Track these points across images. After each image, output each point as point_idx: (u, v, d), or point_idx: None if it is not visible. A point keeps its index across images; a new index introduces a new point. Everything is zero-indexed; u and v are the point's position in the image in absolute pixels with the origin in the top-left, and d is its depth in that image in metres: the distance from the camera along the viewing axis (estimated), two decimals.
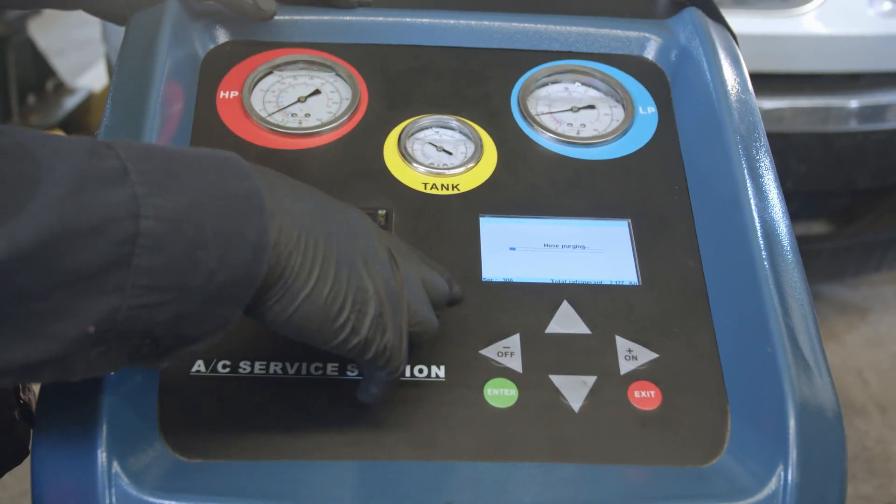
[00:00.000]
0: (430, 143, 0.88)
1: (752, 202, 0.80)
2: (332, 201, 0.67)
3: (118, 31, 0.93)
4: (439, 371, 0.74)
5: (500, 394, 0.73)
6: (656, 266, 0.81)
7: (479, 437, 0.71)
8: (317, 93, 0.91)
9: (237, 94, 0.89)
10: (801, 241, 0.82)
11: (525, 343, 0.76)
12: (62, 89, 3.03)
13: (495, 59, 0.95)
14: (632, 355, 0.76)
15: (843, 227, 2.24)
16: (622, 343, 0.77)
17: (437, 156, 0.87)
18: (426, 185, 0.85)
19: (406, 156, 0.86)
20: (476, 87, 0.92)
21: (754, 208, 0.80)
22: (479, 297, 0.78)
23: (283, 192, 0.62)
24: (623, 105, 0.92)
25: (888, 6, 2.04)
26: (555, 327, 0.77)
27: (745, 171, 0.82)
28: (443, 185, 0.85)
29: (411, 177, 0.85)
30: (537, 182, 0.86)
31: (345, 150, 0.87)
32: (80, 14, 0.96)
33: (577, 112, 0.92)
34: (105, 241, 0.52)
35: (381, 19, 0.95)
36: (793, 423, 0.69)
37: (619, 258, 0.82)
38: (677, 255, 0.82)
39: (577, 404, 0.73)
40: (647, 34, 0.96)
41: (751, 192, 0.81)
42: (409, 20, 0.96)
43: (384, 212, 0.82)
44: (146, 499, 0.65)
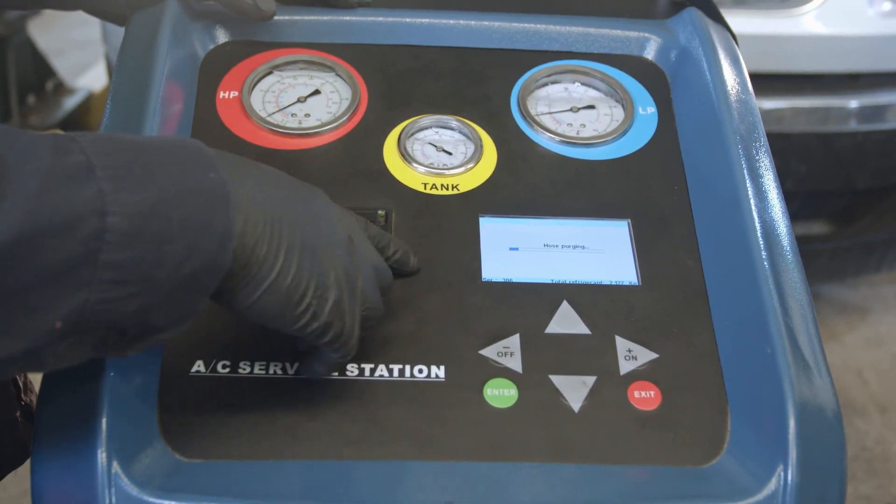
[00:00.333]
0: (430, 144, 0.88)
1: (752, 202, 0.80)
2: (297, 185, 0.67)
3: (118, 31, 0.93)
4: (439, 371, 0.74)
5: (500, 394, 0.73)
6: (656, 266, 0.81)
7: (479, 437, 0.71)
8: (317, 93, 0.91)
9: (237, 94, 0.89)
10: (801, 241, 0.82)
11: (525, 343, 0.76)
12: (62, 89, 3.03)
13: (495, 59, 0.95)
14: (632, 355, 0.76)
15: (843, 227, 2.24)
16: (622, 343, 0.77)
17: (437, 156, 0.87)
18: (426, 185, 0.85)
19: (406, 156, 0.86)
20: (476, 87, 0.92)
21: (754, 208, 0.80)
22: (479, 297, 0.78)
23: (249, 180, 0.63)
24: (623, 105, 0.92)
25: (888, 6, 2.04)
26: (555, 327, 0.77)
27: (745, 171, 0.82)
28: (443, 185, 0.85)
29: (411, 177, 0.85)
30: (537, 182, 0.86)
31: (345, 150, 0.87)
32: (80, 14, 0.96)
33: (576, 112, 0.92)
34: (72, 238, 0.53)
35: (381, 19, 0.95)
36: (793, 423, 0.69)
37: (619, 258, 0.82)
38: (677, 255, 0.82)
39: (577, 404, 0.73)
40: (646, 34, 0.96)
41: (751, 192, 0.81)
42: (409, 20, 0.96)
43: (384, 212, 0.82)
44: (146, 499, 0.65)
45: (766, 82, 2.00)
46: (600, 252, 0.82)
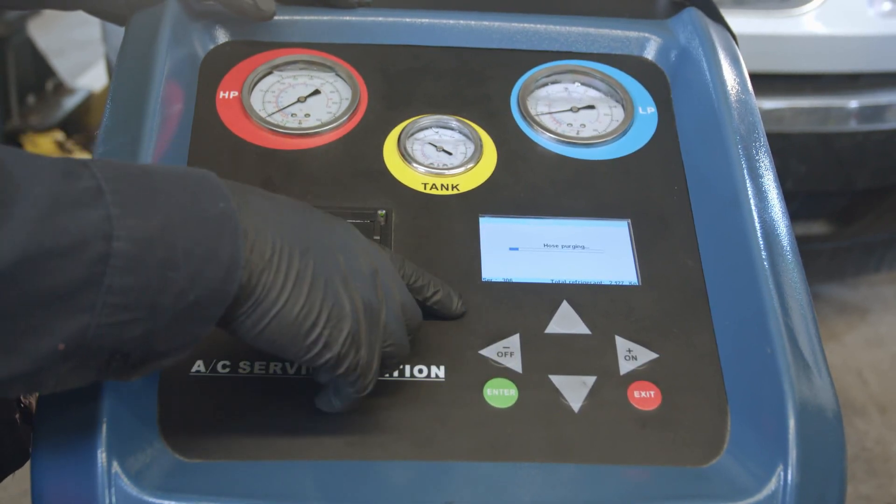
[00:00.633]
0: (430, 144, 0.88)
1: (752, 202, 0.80)
2: (317, 216, 0.67)
3: (118, 31, 0.93)
4: (439, 371, 0.74)
5: (500, 394, 0.73)
6: (656, 266, 0.81)
7: (478, 437, 0.71)
8: (317, 93, 0.91)
9: (237, 94, 0.89)
10: (801, 241, 0.82)
11: (525, 343, 0.76)
12: (62, 89, 3.03)
13: (495, 59, 0.95)
14: (631, 355, 0.76)
15: (843, 227, 2.24)
16: (622, 343, 0.77)
17: (437, 156, 0.87)
18: (426, 185, 0.85)
19: (406, 156, 0.86)
20: (476, 87, 0.92)
21: (754, 208, 0.80)
22: (478, 297, 0.78)
23: (261, 209, 0.62)
24: (623, 105, 0.92)
25: (888, 6, 2.04)
26: (555, 327, 0.77)
27: (745, 171, 0.82)
28: (443, 185, 0.85)
29: (411, 177, 0.85)
30: (537, 182, 0.86)
31: (345, 150, 0.87)
32: (80, 14, 0.96)
33: (576, 112, 0.92)
34: (78, 261, 0.53)
35: (381, 19, 0.95)
36: (793, 423, 0.69)
37: (619, 258, 0.82)
38: (677, 255, 0.82)
39: (576, 404, 0.73)
40: (646, 34, 0.96)
41: (751, 192, 0.81)
42: (409, 20, 0.96)
43: (384, 212, 0.82)
44: (146, 499, 0.65)
45: (766, 82, 2.00)
46: (600, 252, 0.82)
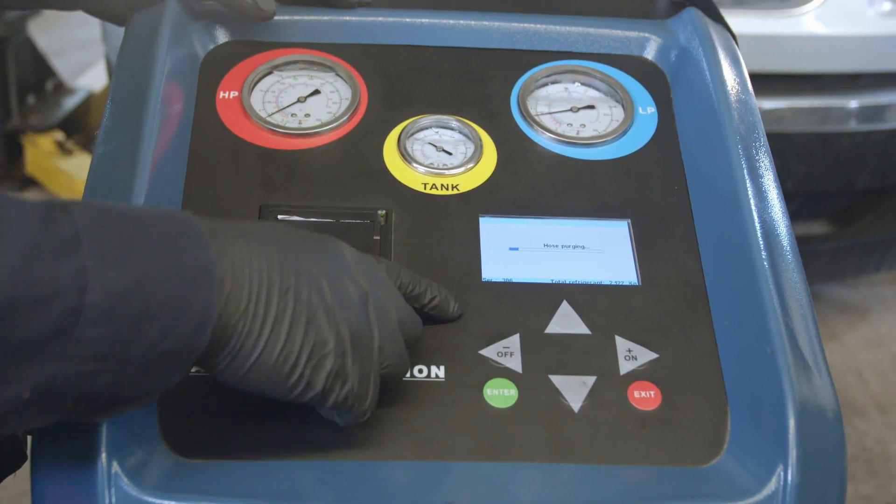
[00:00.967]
0: (430, 144, 0.88)
1: (752, 202, 0.80)
2: (303, 243, 0.66)
3: (118, 31, 0.93)
4: (439, 371, 0.74)
5: (500, 394, 0.73)
6: (656, 266, 0.81)
7: (478, 437, 0.71)
8: (317, 93, 0.91)
9: (237, 94, 0.89)
10: (801, 241, 0.82)
11: (525, 343, 0.76)
12: (62, 89, 3.03)
13: (495, 59, 0.95)
14: (631, 355, 0.76)
15: (843, 227, 2.24)
16: (622, 343, 0.77)
17: (437, 156, 0.87)
18: (426, 185, 0.85)
19: (406, 156, 0.86)
20: (476, 87, 0.92)
21: (754, 208, 0.80)
22: (478, 297, 0.78)
23: (240, 253, 0.62)
24: (623, 105, 0.92)
25: (888, 6, 2.04)
26: (554, 327, 0.77)
27: (745, 171, 0.82)
28: (443, 185, 0.85)
29: (411, 177, 0.85)
30: (537, 182, 0.86)
31: (345, 150, 0.87)
32: (80, 14, 0.96)
33: (576, 112, 0.92)
34: (49, 312, 0.53)
35: (381, 19, 0.95)
36: (793, 423, 0.68)
37: (619, 258, 0.82)
38: (677, 255, 0.82)
39: (576, 404, 0.73)
40: (646, 34, 0.96)
41: (751, 192, 0.81)
42: (409, 20, 0.96)
43: (384, 212, 0.82)
44: (146, 499, 0.65)
45: (766, 82, 2.00)
46: (600, 252, 0.82)
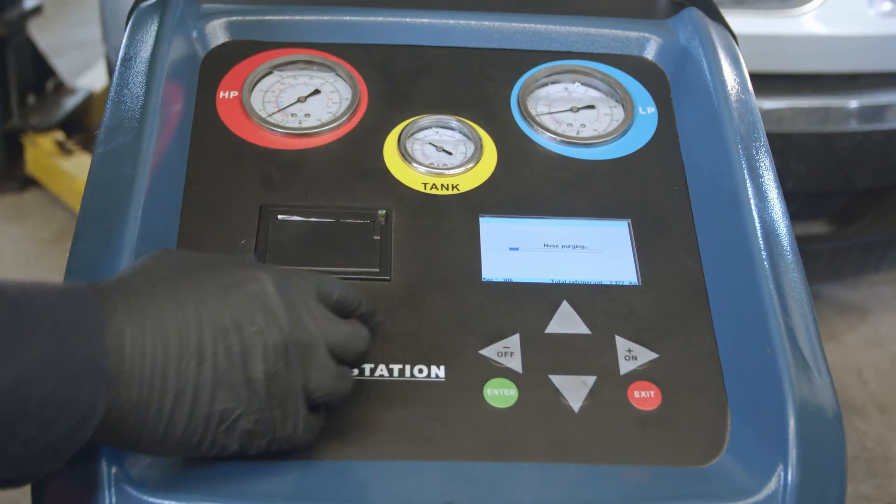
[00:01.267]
0: (430, 143, 0.88)
1: (752, 202, 0.80)
2: (221, 292, 0.62)
3: (118, 31, 0.94)
4: (439, 371, 0.74)
5: (500, 394, 0.73)
6: (656, 266, 0.81)
7: (479, 437, 0.71)
8: (317, 93, 0.91)
9: (237, 94, 0.89)
10: (801, 242, 0.82)
11: (525, 343, 0.76)
12: (62, 89, 3.03)
13: (495, 59, 0.95)
14: (632, 355, 0.76)
15: (843, 227, 2.24)
16: (622, 343, 0.77)
17: (437, 156, 0.87)
18: (426, 185, 0.85)
19: (406, 156, 0.86)
20: (476, 87, 0.92)
21: (754, 208, 0.80)
22: (479, 297, 0.78)
23: (144, 323, 0.60)
24: (623, 105, 0.92)
25: (888, 6, 2.04)
26: (555, 327, 0.77)
27: (745, 171, 0.82)
28: (443, 185, 0.85)
29: (411, 177, 0.85)
30: (537, 182, 0.86)
31: (345, 150, 0.87)
32: (80, 14, 0.96)
33: (576, 112, 0.92)
34: None
35: (381, 19, 0.95)
36: (793, 423, 0.69)
37: (619, 258, 0.82)
38: (677, 255, 0.82)
39: (577, 404, 0.73)
40: (647, 34, 0.96)
41: (751, 192, 0.81)
42: (409, 20, 0.96)
43: (384, 212, 0.82)
44: (146, 499, 0.65)
45: (766, 82, 2.00)
46: (600, 252, 0.82)
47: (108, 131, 0.82)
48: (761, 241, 0.78)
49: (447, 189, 0.85)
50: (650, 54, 0.96)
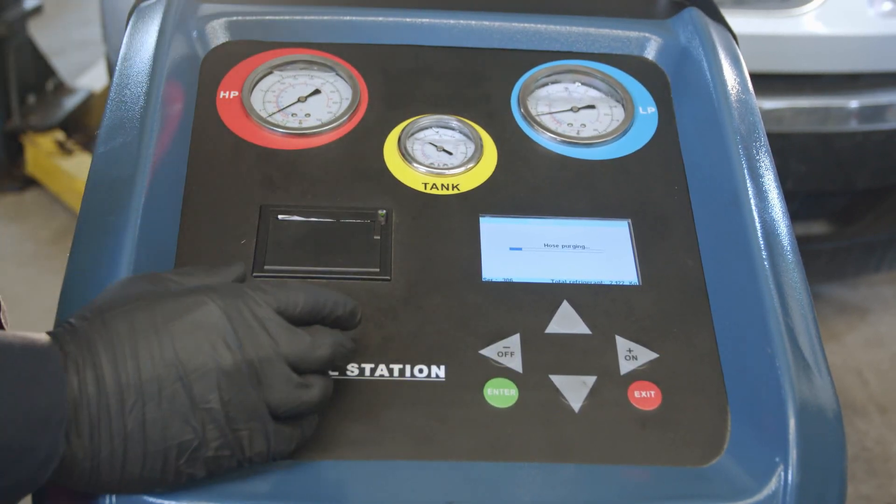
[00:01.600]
0: (431, 143, 0.88)
1: (752, 202, 0.80)
2: (172, 329, 0.62)
3: (118, 31, 0.94)
4: (439, 371, 0.74)
5: (500, 394, 0.73)
6: (656, 266, 0.81)
7: (479, 437, 0.71)
8: (317, 93, 0.91)
9: (237, 94, 0.89)
10: (801, 241, 0.82)
11: (525, 343, 0.76)
12: (62, 89, 3.03)
13: (495, 59, 0.95)
14: (632, 355, 0.76)
15: (843, 227, 2.24)
16: (622, 343, 0.77)
17: (438, 156, 0.87)
18: (426, 185, 0.85)
19: (406, 156, 0.86)
20: (476, 87, 0.92)
21: (754, 208, 0.80)
22: (479, 296, 0.78)
23: (89, 374, 0.60)
24: (623, 105, 0.92)
25: (888, 6, 2.04)
26: (555, 327, 0.77)
27: (745, 171, 0.82)
28: (443, 185, 0.85)
29: (411, 177, 0.85)
30: (537, 182, 0.86)
31: (345, 150, 0.87)
32: (80, 14, 0.96)
33: (577, 112, 0.92)
34: None
35: (381, 19, 0.95)
36: (793, 423, 0.69)
37: (620, 258, 0.82)
38: (677, 255, 0.82)
39: (577, 404, 0.73)
40: (647, 34, 0.96)
41: (751, 192, 0.81)
42: (409, 20, 0.96)
43: (384, 212, 0.82)
44: (147, 499, 0.65)
45: (766, 82, 2.00)
46: (600, 252, 0.82)
47: (108, 131, 0.82)
48: (761, 241, 0.78)
49: (447, 189, 0.85)
50: (650, 54, 0.96)
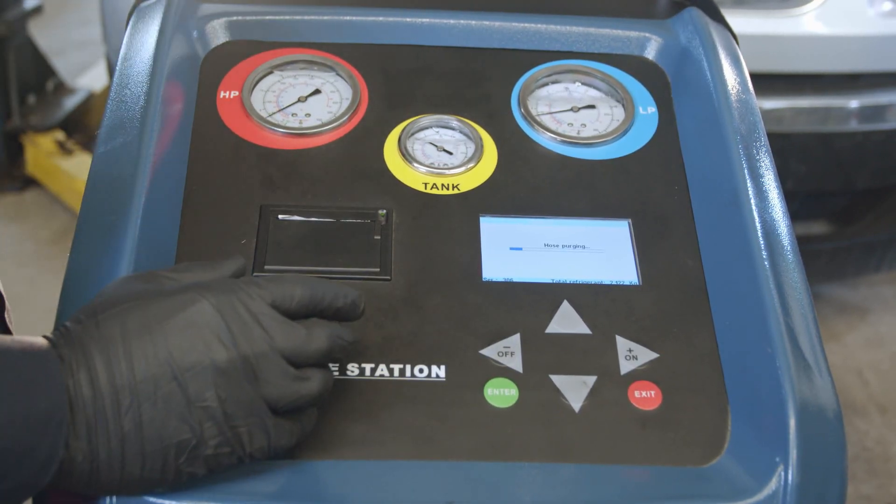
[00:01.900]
0: (431, 143, 0.88)
1: (752, 202, 0.80)
2: (165, 329, 0.62)
3: (118, 31, 0.94)
4: (439, 371, 0.74)
5: (501, 394, 0.73)
6: (656, 266, 0.81)
7: (479, 436, 0.71)
8: (317, 93, 0.91)
9: (237, 94, 0.89)
10: (801, 241, 0.82)
11: (525, 343, 0.76)
12: (62, 89, 3.03)
13: (495, 59, 0.95)
14: (632, 355, 0.76)
15: (843, 227, 2.24)
16: (622, 343, 0.77)
17: (438, 156, 0.87)
18: (426, 185, 0.85)
19: (406, 156, 0.86)
20: (476, 87, 0.92)
21: (754, 208, 0.80)
22: (479, 296, 0.78)
23: (83, 376, 0.61)
24: (623, 105, 0.92)
25: (888, 6, 2.04)
26: (555, 327, 0.77)
27: (745, 171, 0.82)
28: (443, 185, 0.85)
29: (411, 177, 0.85)
30: (537, 182, 0.86)
31: (345, 150, 0.87)
32: (80, 14, 0.96)
33: (577, 112, 0.92)
34: None
35: (381, 19, 0.95)
36: (793, 423, 0.69)
37: (620, 258, 0.82)
38: (677, 255, 0.82)
39: (577, 404, 0.73)
40: (647, 34, 0.96)
41: (751, 192, 0.81)
42: (409, 20, 0.96)
43: (384, 212, 0.82)
44: (147, 499, 0.65)
45: (766, 82, 2.00)
46: (601, 252, 0.82)
47: (108, 131, 0.82)
48: (761, 241, 0.78)
49: (447, 189, 0.85)
50: (651, 54, 0.96)
